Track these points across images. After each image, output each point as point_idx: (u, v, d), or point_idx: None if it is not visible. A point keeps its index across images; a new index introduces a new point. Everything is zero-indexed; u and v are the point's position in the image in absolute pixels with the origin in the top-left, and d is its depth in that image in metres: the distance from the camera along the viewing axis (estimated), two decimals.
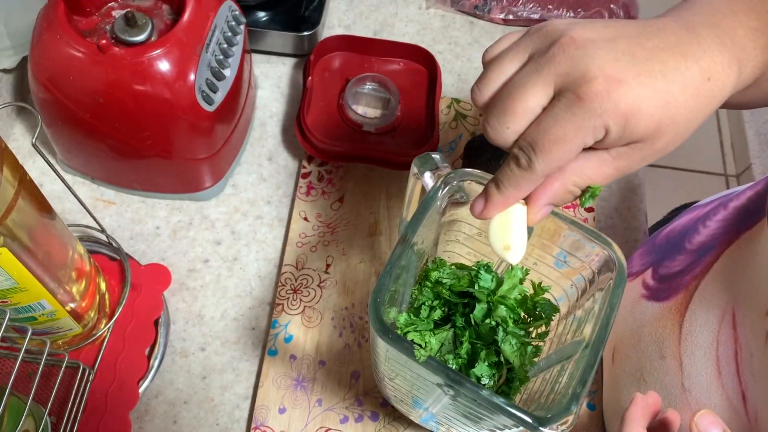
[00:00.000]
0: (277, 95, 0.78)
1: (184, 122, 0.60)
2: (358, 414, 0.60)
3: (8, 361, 0.58)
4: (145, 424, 0.60)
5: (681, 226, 0.57)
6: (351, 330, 0.64)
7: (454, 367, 0.45)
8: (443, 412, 0.46)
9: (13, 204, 0.42)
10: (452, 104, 0.78)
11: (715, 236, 0.51)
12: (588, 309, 0.45)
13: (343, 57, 0.76)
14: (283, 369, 0.62)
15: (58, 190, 0.69)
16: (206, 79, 0.60)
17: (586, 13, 0.84)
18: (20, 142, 0.73)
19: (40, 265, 0.47)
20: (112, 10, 0.60)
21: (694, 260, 0.51)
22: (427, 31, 0.85)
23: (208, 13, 0.59)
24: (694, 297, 0.49)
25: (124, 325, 0.61)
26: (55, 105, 0.60)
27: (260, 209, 0.71)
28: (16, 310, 0.50)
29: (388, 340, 0.38)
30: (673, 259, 0.54)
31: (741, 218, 0.48)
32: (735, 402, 0.44)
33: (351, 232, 0.69)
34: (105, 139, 0.61)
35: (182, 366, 0.62)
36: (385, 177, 0.72)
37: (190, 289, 0.66)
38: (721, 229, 0.50)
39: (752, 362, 0.42)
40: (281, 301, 0.65)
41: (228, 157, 0.69)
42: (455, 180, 0.45)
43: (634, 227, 0.74)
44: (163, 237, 0.68)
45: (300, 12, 0.78)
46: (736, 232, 0.48)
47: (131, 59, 0.56)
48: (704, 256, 0.50)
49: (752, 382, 0.42)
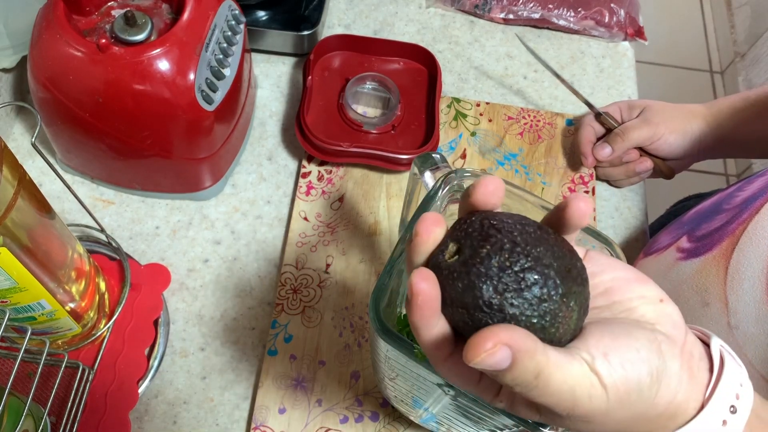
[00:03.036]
0: (277, 95, 0.78)
1: (183, 122, 0.60)
2: (358, 414, 0.60)
3: (8, 361, 0.58)
4: (145, 424, 0.60)
5: (710, 203, 0.58)
6: (351, 330, 0.64)
7: None
8: (443, 412, 0.46)
9: (13, 204, 0.42)
10: (452, 104, 0.78)
11: (764, 186, 0.52)
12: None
13: (343, 56, 0.76)
14: (283, 369, 0.61)
15: (58, 189, 0.69)
16: (206, 79, 0.59)
17: (587, 12, 0.84)
18: (20, 141, 0.73)
19: (39, 265, 0.47)
20: (111, 9, 0.60)
21: (739, 212, 0.53)
22: (427, 30, 0.84)
23: (208, 12, 0.59)
24: (741, 238, 0.50)
25: (124, 325, 0.61)
26: (54, 104, 0.59)
27: (260, 209, 0.71)
28: (15, 310, 0.50)
29: (388, 340, 0.38)
30: (712, 220, 0.55)
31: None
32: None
33: (351, 232, 0.69)
34: (104, 138, 0.61)
35: (182, 366, 0.62)
36: (385, 177, 0.72)
37: (190, 288, 0.66)
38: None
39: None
40: (281, 301, 0.64)
41: (228, 157, 0.69)
42: (455, 179, 0.45)
43: (635, 227, 0.74)
44: (162, 237, 0.68)
45: (300, 11, 0.78)
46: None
47: (131, 59, 0.56)
48: (752, 204, 0.51)
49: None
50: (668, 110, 0.70)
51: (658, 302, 0.31)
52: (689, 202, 0.85)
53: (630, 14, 0.85)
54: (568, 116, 0.78)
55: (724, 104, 0.69)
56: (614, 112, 0.73)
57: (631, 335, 0.29)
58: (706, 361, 0.31)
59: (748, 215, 0.51)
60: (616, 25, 0.85)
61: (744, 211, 0.52)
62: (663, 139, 0.69)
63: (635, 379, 0.28)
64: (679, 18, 2.23)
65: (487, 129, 0.76)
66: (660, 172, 0.73)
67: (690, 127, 0.69)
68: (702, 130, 0.68)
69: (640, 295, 0.31)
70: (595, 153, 0.71)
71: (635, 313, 0.31)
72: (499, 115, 0.77)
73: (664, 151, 0.70)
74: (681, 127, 0.69)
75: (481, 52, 0.83)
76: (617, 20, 0.85)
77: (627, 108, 0.72)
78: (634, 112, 0.71)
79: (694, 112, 0.70)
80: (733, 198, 0.55)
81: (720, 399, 0.30)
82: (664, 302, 0.31)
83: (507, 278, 0.27)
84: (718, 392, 0.30)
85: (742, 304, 0.49)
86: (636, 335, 0.29)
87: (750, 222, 0.50)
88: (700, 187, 0.87)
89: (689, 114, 0.69)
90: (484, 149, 0.75)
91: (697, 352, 0.31)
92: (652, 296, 0.31)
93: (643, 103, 0.72)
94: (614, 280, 0.32)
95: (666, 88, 2.06)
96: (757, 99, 0.67)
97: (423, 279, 0.28)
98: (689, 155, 0.70)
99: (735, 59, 2.05)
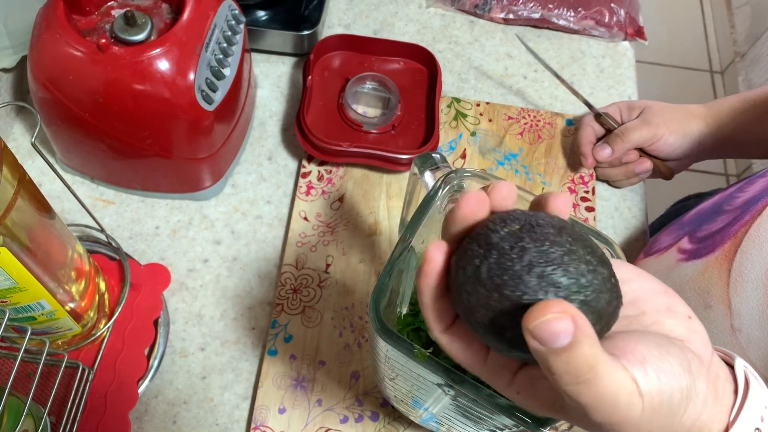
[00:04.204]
0: (276, 94, 0.78)
1: (183, 122, 0.60)
2: (358, 414, 0.60)
3: (8, 361, 0.58)
4: (145, 424, 0.60)
5: (711, 204, 0.58)
6: (351, 330, 0.64)
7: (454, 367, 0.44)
8: (443, 412, 0.46)
9: (13, 203, 0.42)
10: (452, 103, 0.78)
11: (766, 188, 0.52)
12: None
13: (343, 56, 0.76)
14: (283, 369, 0.61)
15: (58, 189, 0.69)
16: (206, 79, 0.59)
17: (587, 12, 0.84)
18: (19, 141, 0.73)
19: (39, 265, 0.47)
20: (111, 9, 0.60)
21: (740, 213, 0.53)
22: (427, 30, 0.84)
23: (208, 12, 0.59)
24: (744, 240, 0.50)
25: (124, 325, 0.61)
26: (54, 104, 0.59)
27: (260, 209, 0.71)
28: (15, 310, 0.50)
29: (388, 340, 0.38)
30: (714, 221, 0.55)
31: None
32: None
33: (351, 232, 0.69)
34: (104, 138, 0.61)
35: (182, 366, 0.62)
36: (385, 177, 0.72)
37: (190, 288, 0.66)
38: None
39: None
40: (281, 300, 0.64)
41: (228, 157, 0.69)
42: (455, 179, 0.45)
43: (635, 227, 0.74)
44: (162, 237, 0.68)
45: (300, 11, 0.78)
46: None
47: (131, 58, 0.56)
48: (754, 206, 0.51)
49: None
50: (668, 111, 0.70)
51: (687, 319, 0.31)
52: (689, 201, 0.85)
53: (630, 14, 0.85)
54: (568, 116, 0.78)
55: (724, 105, 0.69)
56: (614, 113, 0.73)
57: (663, 348, 0.28)
58: (731, 382, 0.31)
59: (750, 217, 0.51)
60: (616, 25, 0.85)
61: (746, 213, 0.52)
62: (663, 139, 0.69)
63: (669, 392, 0.27)
64: (679, 18, 2.23)
65: (487, 129, 0.76)
66: (659, 173, 0.73)
67: (689, 128, 0.69)
68: (701, 130, 0.68)
69: (668, 307, 0.31)
70: (594, 154, 0.71)
71: (664, 327, 0.30)
72: (499, 115, 0.77)
73: (664, 152, 0.70)
74: (681, 127, 0.69)
75: (481, 52, 0.83)
76: (617, 20, 0.85)
77: (627, 108, 0.72)
78: (633, 113, 0.71)
79: (694, 113, 0.70)
80: (734, 199, 0.55)
81: (746, 421, 0.30)
82: (692, 319, 0.31)
83: (557, 254, 0.26)
84: (743, 414, 0.30)
85: (745, 306, 0.49)
86: (668, 349, 0.29)
87: (752, 224, 0.50)
88: (700, 187, 0.87)
89: (689, 115, 0.69)
90: (484, 149, 0.75)
91: (723, 374, 0.31)
92: (680, 312, 0.31)
93: (642, 104, 0.72)
94: (642, 290, 0.32)
95: (666, 88, 2.06)
96: (756, 100, 0.67)
97: (438, 250, 0.29)
98: (689, 156, 0.70)
99: (735, 59, 2.05)
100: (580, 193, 0.73)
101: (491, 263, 0.27)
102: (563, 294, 0.26)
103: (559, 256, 0.26)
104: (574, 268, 0.26)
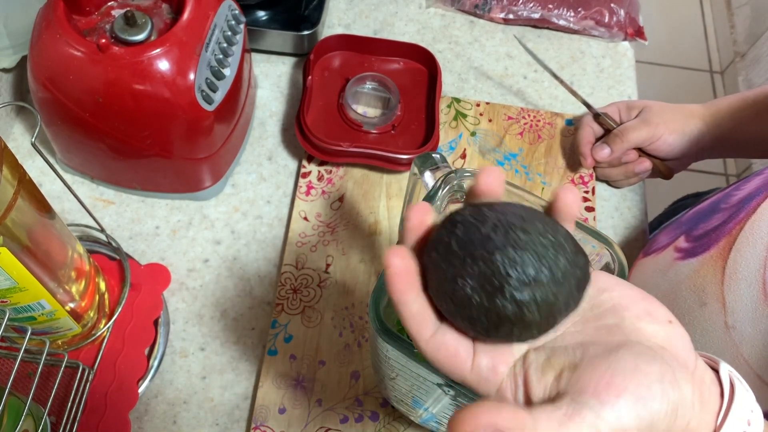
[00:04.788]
0: (276, 94, 0.78)
1: (183, 122, 0.60)
2: (358, 414, 0.60)
3: (8, 361, 0.58)
4: (145, 424, 0.60)
5: (708, 203, 0.59)
6: (351, 330, 0.64)
7: None
8: (443, 412, 0.46)
9: (13, 203, 0.42)
10: (452, 104, 0.78)
11: (761, 186, 0.52)
12: None
13: (343, 56, 0.76)
14: (283, 369, 0.62)
15: (58, 189, 0.69)
16: (206, 79, 0.59)
17: (587, 12, 0.84)
18: (19, 141, 0.73)
19: (39, 265, 0.47)
20: (111, 9, 0.60)
21: (735, 211, 0.53)
22: (427, 30, 0.84)
23: (208, 12, 0.59)
24: (738, 237, 0.50)
25: (124, 325, 0.61)
26: (54, 104, 0.59)
27: (260, 209, 0.71)
28: (15, 310, 0.50)
29: (388, 340, 0.38)
30: (710, 219, 0.55)
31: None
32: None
33: (351, 232, 0.69)
34: (104, 138, 0.61)
35: (182, 366, 0.62)
36: (385, 177, 0.72)
37: (190, 288, 0.66)
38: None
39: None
40: (281, 301, 0.65)
41: (228, 157, 0.69)
42: (455, 179, 0.45)
43: (634, 227, 0.74)
44: (162, 237, 0.68)
45: (300, 11, 0.78)
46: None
47: (131, 58, 0.56)
48: (748, 203, 0.52)
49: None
50: (667, 111, 0.70)
51: (667, 323, 0.31)
52: (687, 200, 0.85)
53: (630, 14, 0.85)
54: (568, 116, 0.78)
55: (723, 104, 0.69)
56: (613, 113, 0.73)
57: (640, 371, 0.28)
58: (716, 386, 0.31)
59: (745, 215, 0.51)
60: (616, 25, 0.85)
61: (741, 211, 0.52)
62: (662, 139, 0.69)
63: (648, 417, 0.28)
64: (679, 18, 2.23)
65: (487, 129, 0.76)
66: (659, 173, 0.73)
67: (689, 128, 0.69)
68: (701, 130, 0.69)
69: (647, 312, 0.31)
70: (594, 154, 0.71)
71: (644, 333, 0.30)
72: (499, 115, 0.77)
73: (663, 152, 0.70)
74: (680, 127, 0.69)
75: (481, 52, 0.83)
76: (617, 20, 0.85)
77: (626, 108, 0.72)
78: (632, 113, 0.72)
79: (693, 113, 0.70)
80: (730, 197, 0.55)
81: (732, 425, 0.30)
82: (673, 324, 0.31)
83: (499, 238, 0.29)
84: (730, 418, 0.30)
85: (739, 303, 0.49)
86: (646, 370, 0.28)
87: (747, 221, 0.51)
88: (700, 187, 0.87)
89: (688, 114, 0.69)
90: (484, 149, 0.75)
91: (708, 378, 0.31)
92: (660, 316, 0.31)
93: (641, 104, 0.72)
94: (621, 296, 0.32)
95: (666, 88, 2.06)
96: (755, 99, 0.67)
97: (395, 254, 0.30)
98: (688, 155, 0.71)
99: (735, 59, 2.05)
100: (579, 193, 0.73)
101: (459, 235, 0.29)
102: (530, 254, 0.28)
103: (519, 217, 0.29)
104: (534, 227, 0.29)
